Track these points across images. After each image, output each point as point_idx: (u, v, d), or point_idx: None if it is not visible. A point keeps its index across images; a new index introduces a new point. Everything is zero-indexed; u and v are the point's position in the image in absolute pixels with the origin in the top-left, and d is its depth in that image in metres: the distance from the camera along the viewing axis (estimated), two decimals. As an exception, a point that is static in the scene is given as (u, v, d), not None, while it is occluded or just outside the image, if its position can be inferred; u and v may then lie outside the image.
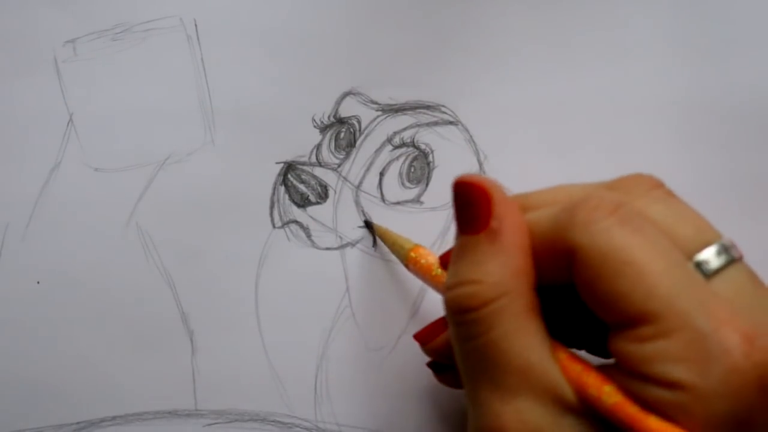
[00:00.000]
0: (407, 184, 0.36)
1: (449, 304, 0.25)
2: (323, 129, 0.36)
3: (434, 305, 0.35)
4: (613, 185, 0.26)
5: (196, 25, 0.36)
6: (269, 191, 0.36)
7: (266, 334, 0.35)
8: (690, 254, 0.24)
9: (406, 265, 0.32)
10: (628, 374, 0.23)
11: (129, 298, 0.36)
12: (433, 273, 0.30)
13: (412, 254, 0.31)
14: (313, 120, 0.36)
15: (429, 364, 0.32)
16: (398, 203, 0.36)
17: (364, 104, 0.36)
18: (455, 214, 0.26)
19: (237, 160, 0.36)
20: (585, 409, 0.23)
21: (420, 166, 0.36)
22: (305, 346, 0.35)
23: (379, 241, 0.36)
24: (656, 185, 0.26)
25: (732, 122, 0.36)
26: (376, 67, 0.36)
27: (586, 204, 0.24)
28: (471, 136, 0.36)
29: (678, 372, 0.22)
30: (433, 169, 0.36)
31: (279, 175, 0.36)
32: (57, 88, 0.36)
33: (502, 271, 0.24)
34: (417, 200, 0.36)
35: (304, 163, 0.36)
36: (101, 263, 0.36)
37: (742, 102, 0.36)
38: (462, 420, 0.35)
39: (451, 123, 0.36)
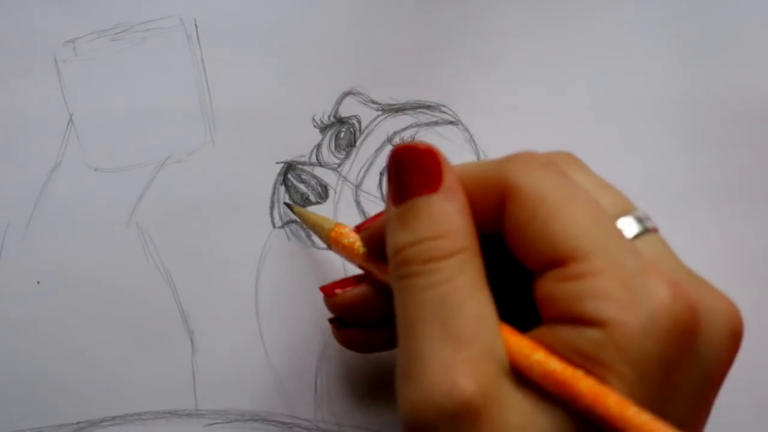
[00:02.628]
0: (407, 184, 0.36)
1: (408, 257, 0.25)
2: (323, 129, 0.36)
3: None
4: None
5: (196, 25, 0.36)
6: (269, 191, 0.36)
7: (266, 333, 0.35)
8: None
9: (328, 245, 0.32)
10: (555, 322, 0.24)
11: (129, 298, 0.35)
12: (356, 251, 0.30)
13: (333, 234, 0.31)
14: (313, 120, 0.36)
15: (332, 320, 0.32)
16: (398, 203, 0.36)
17: (365, 104, 0.36)
18: (400, 179, 0.26)
19: (237, 160, 0.36)
20: (516, 375, 0.24)
21: (420, 166, 0.36)
22: (305, 346, 0.35)
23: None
24: (575, 160, 0.27)
25: (733, 122, 0.36)
26: (376, 67, 0.36)
27: (520, 155, 0.26)
28: (471, 136, 0.36)
29: (608, 310, 0.23)
30: (433, 168, 0.36)
31: (279, 174, 0.36)
32: (57, 88, 0.36)
33: (464, 228, 0.25)
34: (417, 200, 0.36)
35: (304, 163, 0.36)
36: (101, 263, 0.36)
37: (742, 102, 0.36)
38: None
39: (451, 123, 0.36)
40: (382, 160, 0.36)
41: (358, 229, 0.31)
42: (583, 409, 0.22)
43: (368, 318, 0.31)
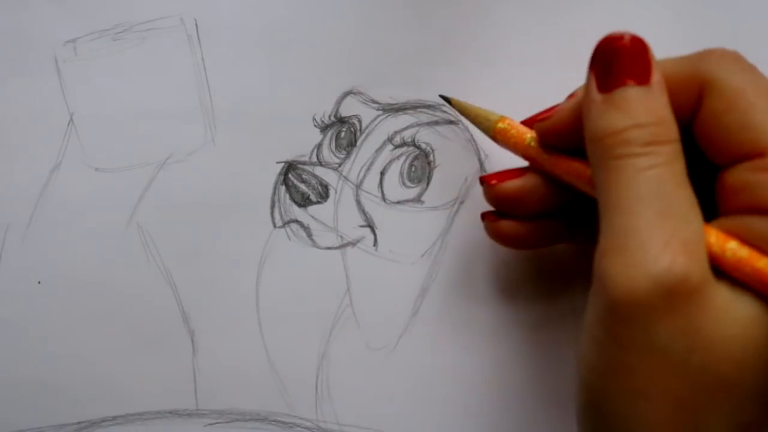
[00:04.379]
0: (408, 184, 0.36)
1: (626, 139, 0.25)
2: (324, 128, 0.36)
3: (435, 304, 0.35)
4: None
5: (196, 25, 0.36)
6: (270, 191, 0.36)
7: (267, 333, 0.35)
8: None
9: (494, 138, 0.32)
10: (747, 213, 0.24)
11: (130, 298, 0.36)
12: (526, 143, 0.30)
13: (500, 126, 0.31)
14: (314, 119, 0.36)
15: (487, 213, 0.32)
16: (399, 202, 0.36)
17: (365, 104, 0.36)
18: (610, 68, 0.26)
19: (237, 159, 0.36)
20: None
21: (421, 166, 0.36)
22: (306, 346, 0.35)
23: (379, 239, 0.36)
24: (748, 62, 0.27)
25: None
26: (377, 66, 0.36)
27: (713, 51, 0.26)
28: (471, 136, 0.36)
29: None
30: (434, 168, 0.36)
31: (280, 174, 0.36)
32: (57, 88, 0.36)
33: (674, 121, 0.26)
34: (418, 199, 0.36)
35: (304, 163, 0.36)
36: (102, 263, 0.36)
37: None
38: (461, 418, 0.35)
39: (451, 122, 0.36)
40: (383, 160, 0.36)
41: (525, 123, 0.31)
42: None
43: (529, 210, 0.31)
